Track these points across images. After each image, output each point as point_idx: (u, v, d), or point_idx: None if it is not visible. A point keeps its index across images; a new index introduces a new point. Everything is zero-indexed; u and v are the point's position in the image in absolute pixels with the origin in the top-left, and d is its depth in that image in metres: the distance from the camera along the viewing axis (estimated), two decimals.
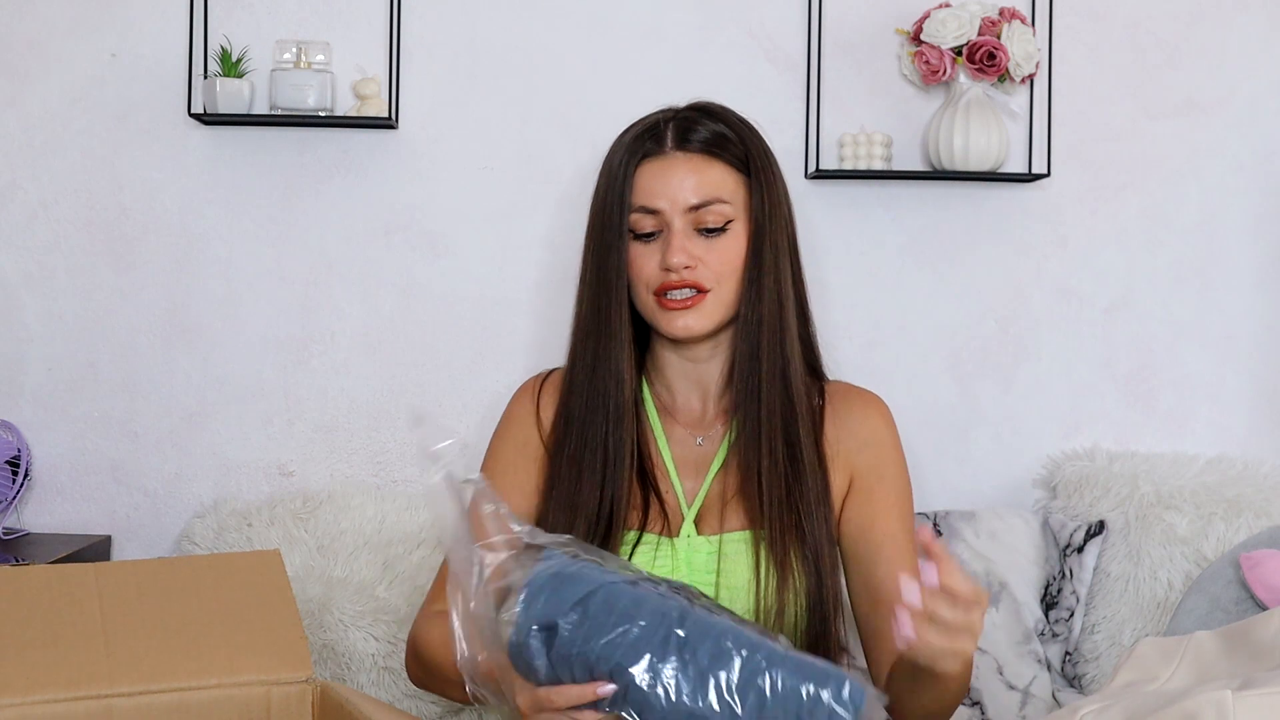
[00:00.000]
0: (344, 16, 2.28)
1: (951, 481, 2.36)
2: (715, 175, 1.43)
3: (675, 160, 1.43)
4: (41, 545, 2.15)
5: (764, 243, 1.44)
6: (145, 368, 2.29)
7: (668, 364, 1.51)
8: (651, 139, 1.45)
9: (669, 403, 1.53)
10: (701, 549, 1.44)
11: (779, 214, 1.46)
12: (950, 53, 2.19)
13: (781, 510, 1.41)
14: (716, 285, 1.43)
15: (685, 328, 1.43)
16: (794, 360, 1.46)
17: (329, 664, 1.99)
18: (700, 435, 1.51)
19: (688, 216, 1.42)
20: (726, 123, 1.47)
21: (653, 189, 1.43)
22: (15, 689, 1.08)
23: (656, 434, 1.51)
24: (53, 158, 2.28)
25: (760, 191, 1.45)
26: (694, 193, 1.42)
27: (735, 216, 1.44)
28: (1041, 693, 2.04)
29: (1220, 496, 2.14)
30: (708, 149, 1.44)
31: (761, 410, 1.43)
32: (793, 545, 1.41)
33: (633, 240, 1.45)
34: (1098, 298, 2.36)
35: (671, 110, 1.49)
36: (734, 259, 1.43)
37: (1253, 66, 2.36)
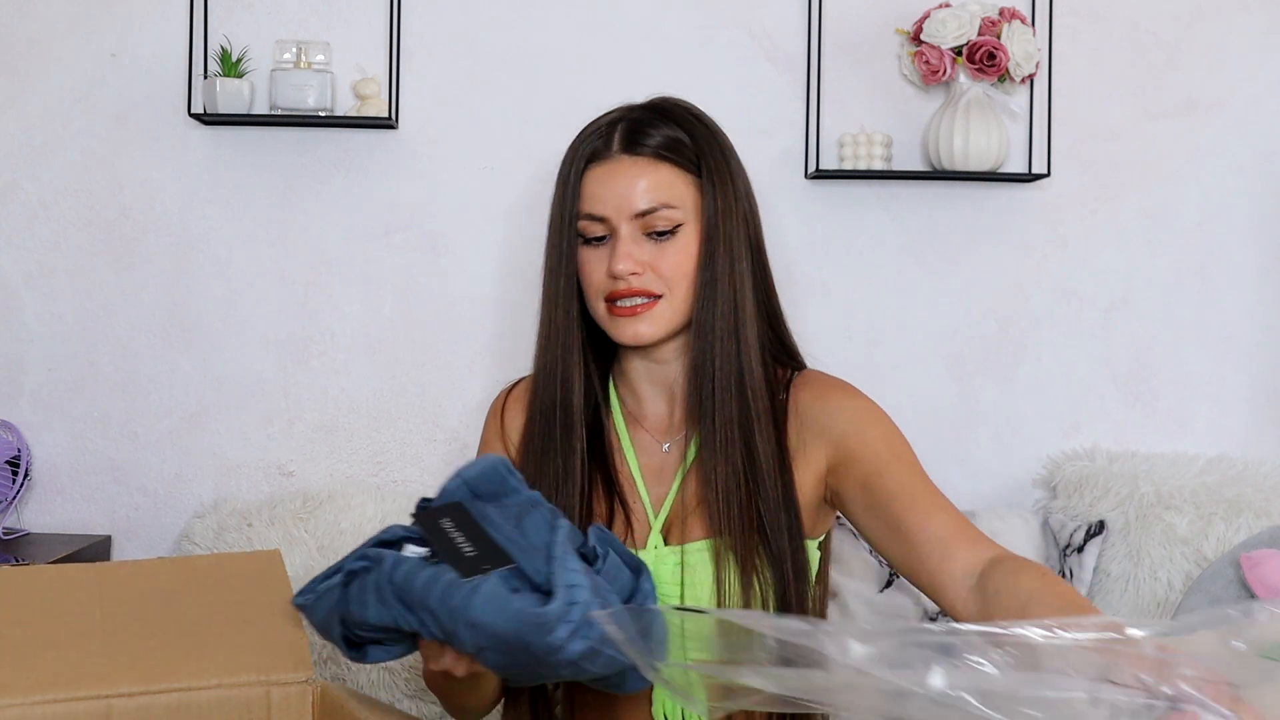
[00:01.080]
0: (344, 16, 2.28)
1: (951, 481, 2.35)
2: (663, 178, 1.40)
3: (621, 164, 1.40)
4: (41, 545, 2.15)
5: (717, 246, 1.40)
6: (145, 368, 2.29)
7: (632, 369, 1.49)
8: (599, 142, 1.42)
9: (635, 409, 1.50)
10: (668, 560, 1.41)
11: (733, 215, 1.42)
12: (950, 53, 2.19)
13: (741, 517, 1.38)
14: (668, 291, 1.40)
15: (635, 335, 1.40)
16: (752, 364, 1.42)
17: (329, 664, 1.99)
18: (666, 441, 1.48)
19: (635, 222, 1.39)
20: (679, 123, 1.43)
21: (599, 194, 1.40)
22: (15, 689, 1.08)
23: (623, 441, 1.48)
24: (53, 158, 2.28)
25: (712, 193, 1.41)
26: (641, 197, 1.38)
27: (685, 220, 1.40)
28: None
29: (1220, 496, 2.14)
30: (656, 152, 1.40)
31: (717, 417, 1.40)
32: (755, 552, 1.38)
33: (584, 246, 1.43)
34: (1098, 298, 2.36)
35: (625, 110, 1.45)
36: (684, 263, 1.40)
37: (1253, 66, 2.36)
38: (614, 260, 1.38)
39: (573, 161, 1.43)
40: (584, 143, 1.43)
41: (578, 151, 1.43)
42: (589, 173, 1.42)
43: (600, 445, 1.48)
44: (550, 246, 1.45)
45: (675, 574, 1.41)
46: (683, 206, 1.40)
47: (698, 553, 1.41)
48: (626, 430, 1.49)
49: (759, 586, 1.38)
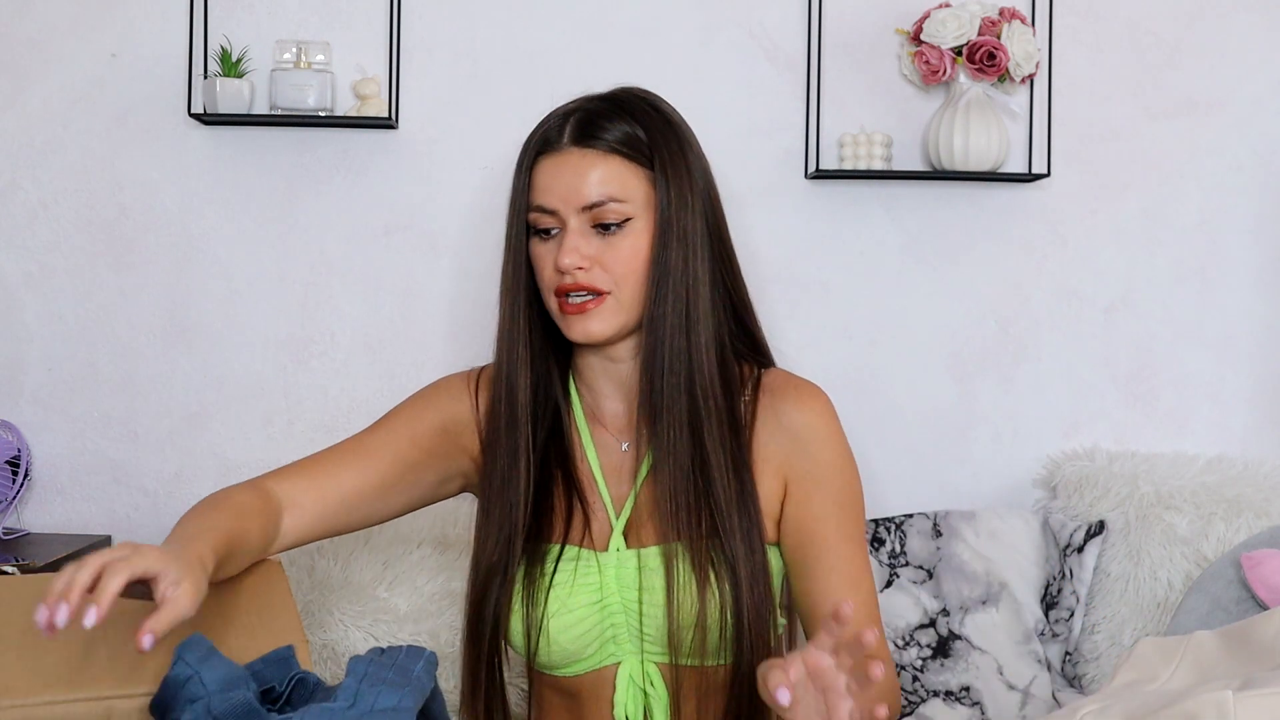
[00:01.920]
0: (344, 16, 2.28)
1: (951, 481, 2.36)
2: (613, 171, 1.38)
3: (570, 156, 1.39)
4: (41, 545, 2.15)
5: (670, 240, 1.37)
6: (145, 368, 2.29)
7: (589, 367, 1.47)
8: (552, 133, 1.41)
9: (594, 406, 1.48)
10: (628, 564, 1.40)
11: (688, 208, 1.39)
12: (950, 53, 2.19)
13: (691, 520, 1.36)
14: (615, 287, 1.38)
15: (584, 332, 1.38)
16: (703, 362, 1.38)
17: (329, 664, 1.99)
18: (626, 440, 1.46)
19: (584, 215, 1.37)
20: (634, 115, 1.41)
21: (548, 186, 1.39)
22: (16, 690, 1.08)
23: (584, 440, 1.46)
24: (53, 158, 2.28)
25: (665, 186, 1.38)
26: (589, 190, 1.37)
27: (636, 214, 1.38)
28: (1041, 693, 2.04)
29: (1220, 496, 2.14)
30: (607, 144, 1.39)
31: (667, 416, 1.37)
32: (708, 557, 1.35)
33: (535, 239, 1.41)
34: (1098, 298, 2.36)
35: (583, 100, 1.44)
36: (633, 259, 1.38)
37: (1253, 66, 2.36)
38: (560, 253, 1.37)
39: (525, 152, 1.42)
40: (537, 133, 1.42)
41: (531, 141, 1.42)
42: (539, 164, 1.41)
43: (560, 443, 1.46)
44: (506, 238, 1.43)
45: (635, 579, 1.39)
46: (632, 200, 1.38)
47: (654, 557, 1.39)
48: (587, 428, 1.47)
49: (715, 592, 1.35)
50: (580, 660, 1.42)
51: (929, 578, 2.10)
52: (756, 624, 1.36)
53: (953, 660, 2.05)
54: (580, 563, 1.41)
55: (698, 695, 1.40)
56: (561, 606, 1.39)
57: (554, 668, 1.44)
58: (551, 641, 1.40)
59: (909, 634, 2.06)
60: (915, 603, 2.08)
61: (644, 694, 1.41)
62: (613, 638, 1.41)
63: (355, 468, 1.44)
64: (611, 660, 1.42)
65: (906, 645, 2.06)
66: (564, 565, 1.41)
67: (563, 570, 1.41)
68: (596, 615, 1.40)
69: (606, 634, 1.41)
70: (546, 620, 1.39)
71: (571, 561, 1.41)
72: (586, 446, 1.46)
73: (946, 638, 2.06)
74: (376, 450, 1.46)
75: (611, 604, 1.40)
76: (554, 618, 1.39)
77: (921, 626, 2.07)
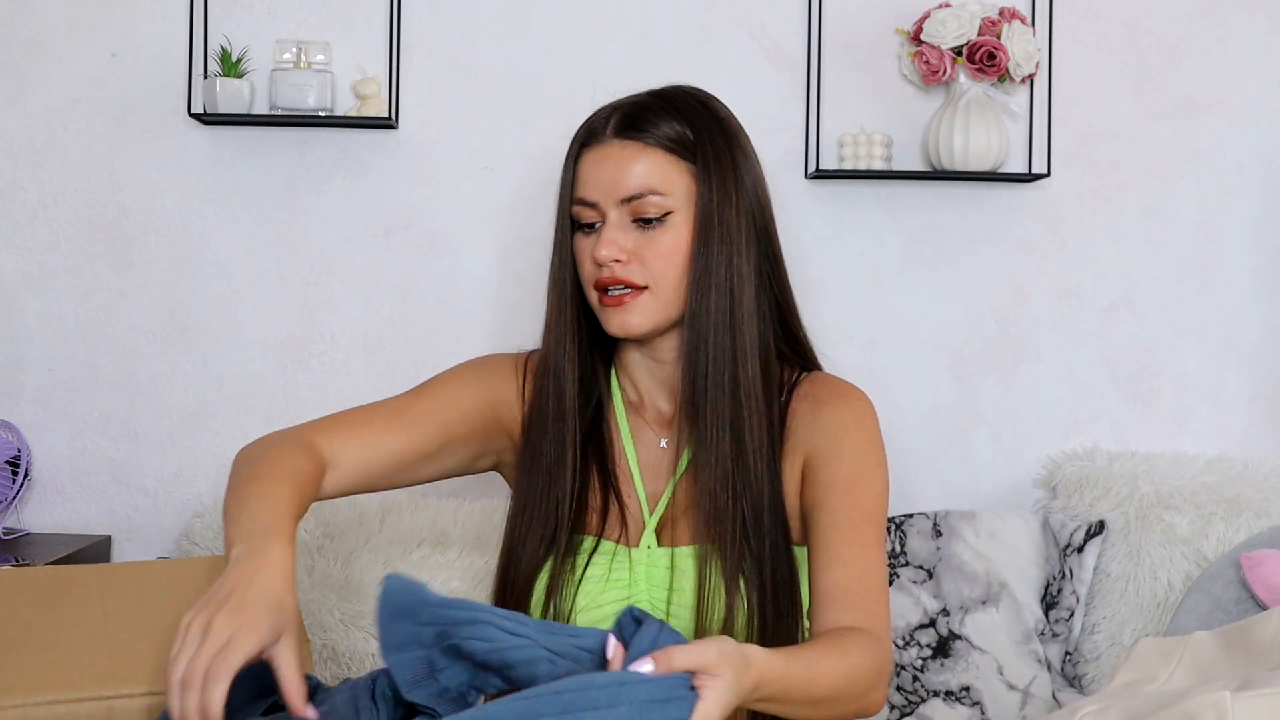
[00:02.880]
0: (344, 16, 2.28)
1: (951, 481, 2.36)
2: (652, 164, 1.36)
3: (612, 149, 1.38)
4: (41, 545, 2.15)
5: (711, 237, 1.36)
6: (145, 368, 2.29)
7: (632, 362, 1.46)
8: (597, 126, 1.40)
9: (636, 401, 1.47)
10: (659, 562, 1.39)
11: (732, 206, 1.38)
12: (950, 53, 2.19)
13: (727, 521, 1.34)
14: (653, 282, 1.36)
15: (622, 325, 1.37)
16: (747, 363, 1.37)
17: (329, 664, 1.99)
18: (665, 436, 1.45)
19: (623, 207, 1.36)
20: (682, 111, 1.40)
21: (588, 178, 1.38)
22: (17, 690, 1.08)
23: (623, 434, 1.45)
24: (53, 158, 2.28)
25: (708, 182, 1.37)
26: (629, 183, 1.36)
27: (676, 208, 1.36)
28: (1041, 693, 2.04)
29: (1220, 496, 2.14)
30: (648, 137, 1.38)
31: (709, 415, 1.36)
32: (740, 558, 1.34)
33: (578, 233, 1.41)
34: (1098, 298, 2.36)
35: (632, 96, 1.43)
36: (672, 254, 1.36)
37: (1253, 66, 2.36)
38: (597, 246, 1.36)
39: (573, 144, 1.42)
40: (584, 126, 1.42)
41: (577, 135, 1.42)
42: (583, 156, 1.40)
43: (599, 436, 1.46)
44: (554, 233, 1.44)
45: (665, 577, 1.38)
46: (673, 194, 1.37)
47: (685, 558, 1.38)
48: (627, 422, 1.46)
49: (744, 593, 1.34)
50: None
51: (929, 578, 2.10)
52: (778, 631, 1.35)
53: (953, 660, 2.05)
54: (614, 558, 1.40)
55: None
56: (591, 601, 1.38)
57: None
58: None
59: (909, 634, 2.06)
60: (915, 603, 2.08)
61: None
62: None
63: (401, 433, 1.43)
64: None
65: (906, 645, 2.06)
66: (597, 559, 1.40)
67: (596, 564, 1.40)
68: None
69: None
70: (575, 615, 1.38)
71: (605, 556, 1.40)
72: (625, 441, 1.45)
73: (947, 638, 2.06)
74: (423, 418, 1.44)
75: (640, 601, 1.39)
76: (582, 613, 1.38)
77: (921, 626, 2.07)
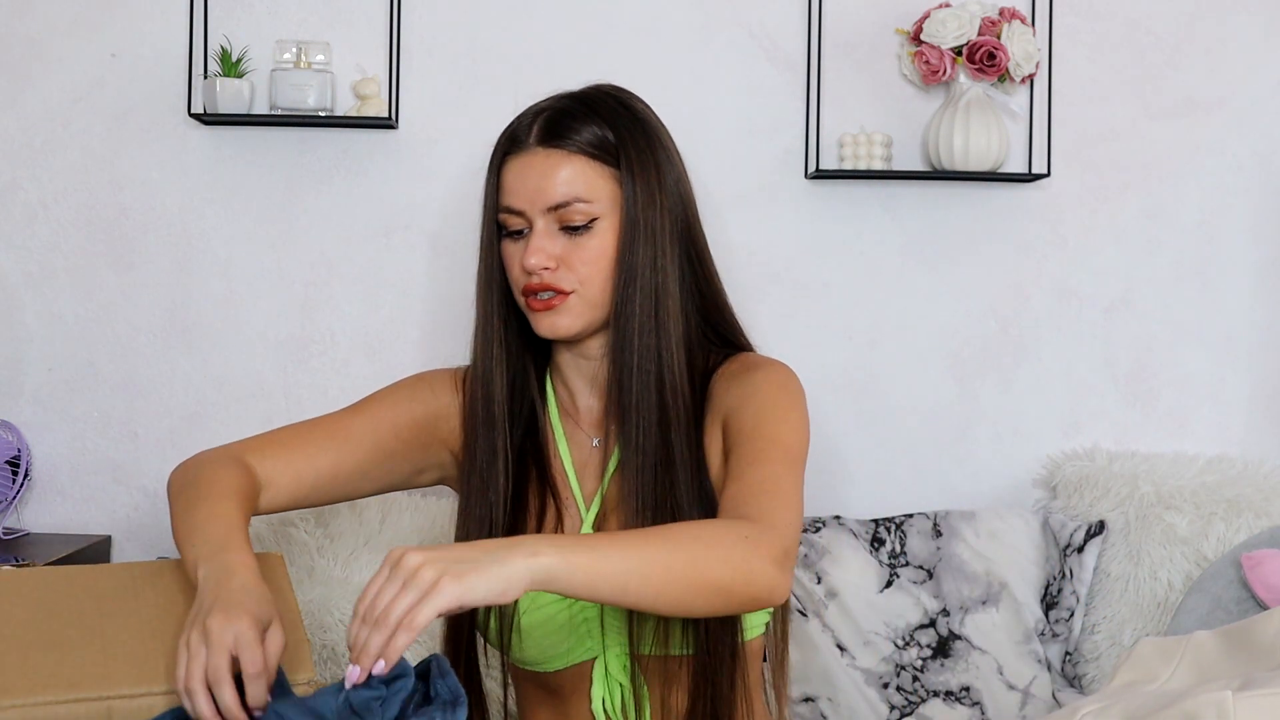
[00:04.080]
0: (344, 16, 2.28)
1: (951, 481, 2.36)
2: (576, 171, 1.38)
3: (536, 157, 1.39)
4: (41, 545, 2.15)
5: (636, 239, 1.38)
6: (145, 368, 2.29)
7: (564, 364, 1.49)
8: (520, 133, 1.42)
9: (569, 404, 1.50)
10: None
11: (656, 206, 1.40)
12: (950, 53, 2.19)
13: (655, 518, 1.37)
14: (580, 286, 1.39)
15: (551, 327, 1.40)
16: (673, 362, 1.39)
17: (330, 665, 1.99)
18: (597, 436, 1.48)
19: (550, 215, 1.38)
20: (603, 115, 1.41)
21: (514, 187, 1.40)
22: (16, 690, 1.08)
23: (558, 435, 1.48)
24: (53, 158, 2.28)
25: (632, 186, 1.39)
26: (554, 191, 1.37)
27: (602, 214, 1.38)
28: (1041, 693, 2.04)
29: (1220, 496, 2.14)
30: (573, 144, 1.39)
31: (636, 414, 1.38)
32: None
33: (506, 239, 1.43)
34: (1098, 298, 2.36)
35: (553, 100, 1.45)
36: (599, 259, 1.38)
37: (1253, 66, 2.36)
38: (525, 254, 1.38)
39: (495, 152, 1.44)
40: (506, 132, 1.43)
41: (500, 141, 1.44)
42: (507, 164, 1.42)
43: (536, 438, 1.48)
44: (479, 239, 1.46)
45: None
46: (598, 200, 1.38)
47: None
48: (561, 424, 1.49)
49: None
50: (556, 657, 1.43)
51: (929, 578, 2.10)
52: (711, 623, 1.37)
53: (953, 660, 2.05)
54: None
55: (662, 686, 1.41)
56: (531, 603, 1.40)
57: (532, 664, 1.44)
58: (524, 637, 1.40)
59: (909, 634, 2.06)
60: (915, 603, 2.08)
61: (620, 688, 1.41)
62: (586, 632, 1.42)
63: (334, 451, 1.45)
64: (588, 655, 1.43)
65: (906, 645, 2.06)
66: None
67: None
68: (567, 611, 1.41)
69: (581, 629, 1.41)
70: (519, 617, 1.39)
71: None
72: (560, 442, 1.48)
73: (946, 638, 2.06)
74: (357, 435, 1.46)
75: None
76: (525, 614, 1.39)
77: (921, 626, 2.07)
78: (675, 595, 1.16)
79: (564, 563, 1.10)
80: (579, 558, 1.11)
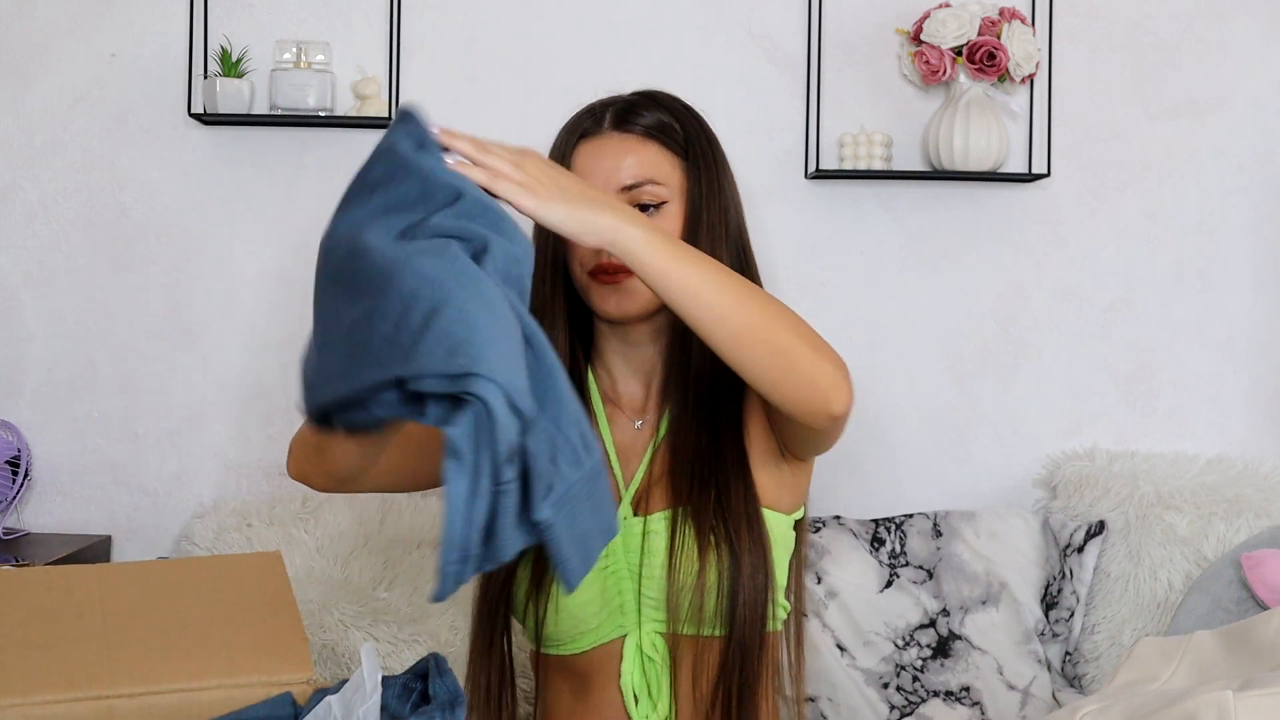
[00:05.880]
0: (344, 16, 2.28)
1: (951, 481, 2.36)
2: (650, 156, 1.44)
3: (610, 140, 1.44)
4: (41, 545, 2.15)
5: (700, 226, 1.44)
6: (145, 368, 2.29)
7: (609, 350, 1.52)
8: (589, 121, 1.46)
9: (610, 389, 1.54)
10: (634, 529, 1.45)
11: (717, 200, 1.46)
12: (950, 53, 2.20)
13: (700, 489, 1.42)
14: None
15: (618, 304, 1.43)
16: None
17: (329, 665, 1.99)
18: (639, 419, 1.52)
19: (621, 195, 1.42)
20: (668, 108, 1.47)
21: (587, 169, 1.43)
22: (16, 690, 1.08)
23: (599, 420, 1.52)
24: (53, 158, 2.28)
25: (698, 175, 1.45)
26: (628, 172, 1.42)
27: (670, 199, 1.44)
28: (1041, 693, 2.04)
29: (1220, 496, 2.14)
30: (645, 130, 1.45)
31: (689, 387, 1.45)
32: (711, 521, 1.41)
33: None
34: (1098, 298, 2.36)
35: (617, 96, 1.50)
36: None
37: (1253, 66, 2.36)
38: None
39: (565, 139, 1.47)
40: (576, 121, 1.48)
41: (570, 130, 1.47)
42: (579, 149, 1.46)
43: None
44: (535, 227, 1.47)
45: (638, 542, 1.44)
46: (668, 185, 1.44)
47: (658, 521, 1.44)
48: (603, 409, 1.53)
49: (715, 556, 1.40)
50: (587, 633, 1.45)
51: (929, 578, 2.10)
52: (752, 594, 1.40)
53: (953, 660, 2.05)
54: None
55: (694, 667, 1.44)
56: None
57: (561, 643, 1.46)
58: (560, 609, 1.43)
59: (909, 634, 2.06)
60: (915, 603, 2.08)
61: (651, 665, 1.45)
62: (619, 606, 1.45)
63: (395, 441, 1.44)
64: (618, 633, 1.45)
65: (906, 645, 2.06)
66: None
67: None
68: (602, 581, 1.44)
69: (613, 602, 1.44)
70: (554, 589, 1.42)
71: None
72: (602, 426, 1.51)
73: (946, 638, 2.06)
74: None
75: (617, 569, 1.44)
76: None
77: (921, 626, 2.07)
78: (738, 328, 1.22)
79: (647, 239, 1.18)
80: (665, 244, 1.19)
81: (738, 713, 1.42)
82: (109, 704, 1.10)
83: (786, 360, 1.26)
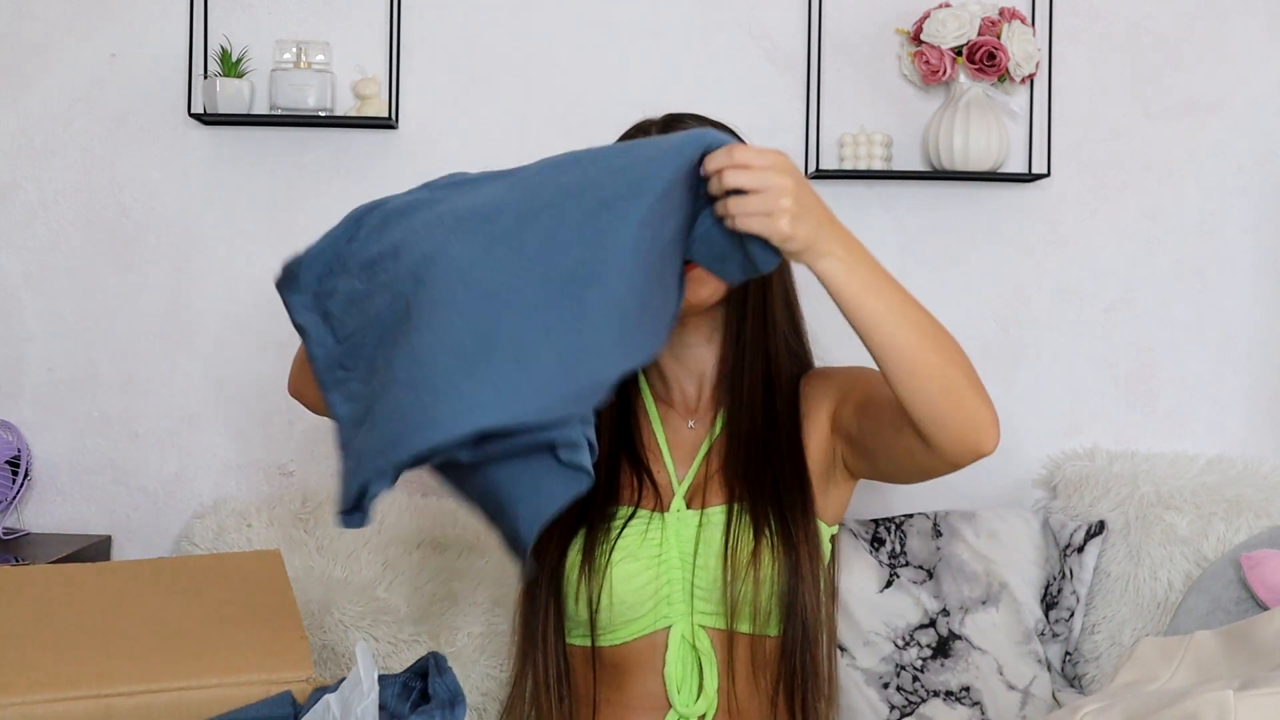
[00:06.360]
0: (344, 16, 2.28)
1: (951, 481, 2.34)
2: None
3: None
4: (41, 545, 2.15)
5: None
6: (145, 368, 2.29)
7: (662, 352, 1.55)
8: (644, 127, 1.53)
9: (664, 393, 1.60)
10: (689, 521, 1.50)
11: None
12: (950, 53, 2.20)
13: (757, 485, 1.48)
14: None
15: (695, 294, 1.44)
16: (779, 353, 1.56)
17: (329, 664, 1.98)
18: (693, 419, 1.58)
19: None
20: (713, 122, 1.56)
21: None
22: (16, 688, 1.08)
23: (653, 420, 1.58)
24: (53, 158, 2.28)
25: None
26: None
27: None
28: (1042, 693, 2.04)
29: (1220, 496, 2.14)
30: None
31: (746, 383, 1.52)
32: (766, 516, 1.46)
33: None
34: (1098, 298, 2.36)
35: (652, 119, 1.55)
36: None
37: (1253, 66, 2.36)
38: None
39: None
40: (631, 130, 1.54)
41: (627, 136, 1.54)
42: None
43: (627, 428, 1.58)
44: None
45: (693, 535, 1.49)
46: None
47: (715, 514, 1.50)
48: (655, 409, 1.59)
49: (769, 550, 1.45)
50: (635, 620, 1.49)
51: (929, 578, 2.10)
52: (801, 595, 1.44)
53: (953, 660, 2.05)
54: (648, 522, 1.51)
55: (752, 665, 1.48)
56: (626, 555, 1.48)
57: (608, 631, 1.49)
58: (613, 591, 1.46)
59: (909, 634, 2.06)
60: (915, 603, 2.08)
61: (695, 656, 1.48)
62: (667, 597, 1.48)
63: None
64: (664, 623, 1.49)
65: (906, 645, 2.06)
66: (633, 524, 1.51)
67: (632, 527, 1.51)
68: (654, 569, 1.48)
69: (662, 591, 1.48)
70: (610, 568, 1.47)
71: (641, 520, 1.51)
72: (655, 426, 1.57)
73: (946, 638, 2.06)
74: None
75: (670, 559, 1.49)
76: (618, 565, 1.47)
77: (921, 626, 2.07)
78: (915, 364, 1.28)
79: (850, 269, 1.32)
80: (863, 272, 1.32)
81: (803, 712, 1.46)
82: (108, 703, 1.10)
83: (953, 399, 1.30)
